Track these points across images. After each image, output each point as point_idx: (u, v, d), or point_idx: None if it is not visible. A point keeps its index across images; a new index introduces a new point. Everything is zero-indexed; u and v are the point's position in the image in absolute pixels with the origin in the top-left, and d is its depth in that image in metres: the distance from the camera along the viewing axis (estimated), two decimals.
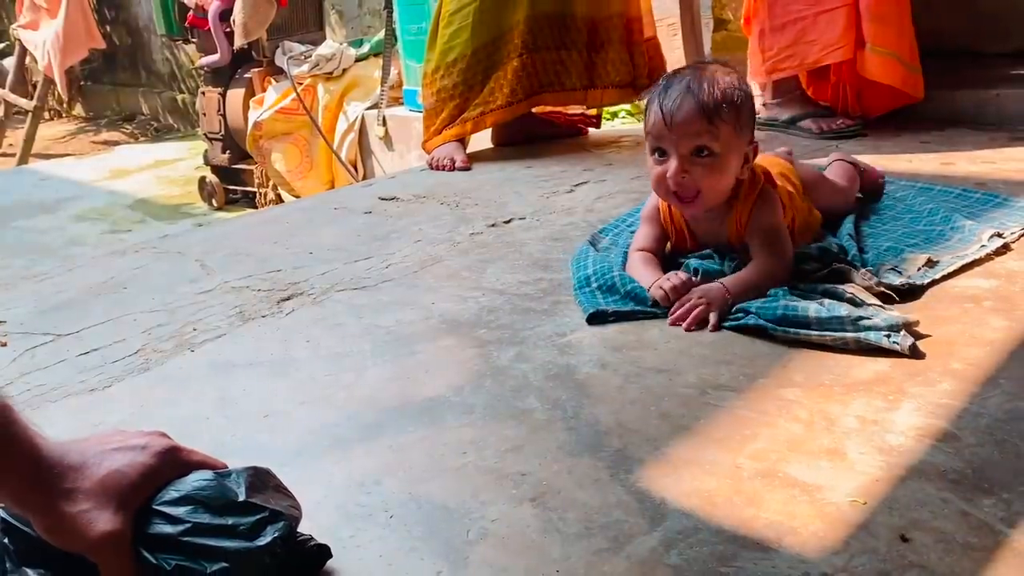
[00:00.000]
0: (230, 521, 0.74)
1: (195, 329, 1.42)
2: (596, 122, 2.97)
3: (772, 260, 1.38)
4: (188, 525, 0.73)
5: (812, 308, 1.22)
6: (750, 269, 1.38)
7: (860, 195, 1.79)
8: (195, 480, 0.76)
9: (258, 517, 0.75)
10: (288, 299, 1.54)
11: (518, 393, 1.14)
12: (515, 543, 0.83)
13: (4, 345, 1.40)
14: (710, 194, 1.37)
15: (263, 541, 0.74)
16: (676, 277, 1.38)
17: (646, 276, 1.42)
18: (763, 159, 1.54)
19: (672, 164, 1.35)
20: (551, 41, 2.59)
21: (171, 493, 0.75)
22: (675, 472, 0.94)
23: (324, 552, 0.82)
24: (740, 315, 1.29)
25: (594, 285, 1.44)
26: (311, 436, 1.06)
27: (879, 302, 1.27)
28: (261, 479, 0.79)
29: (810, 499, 0.88)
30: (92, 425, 1.13)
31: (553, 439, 1.02)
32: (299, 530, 0.80)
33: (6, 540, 0.74)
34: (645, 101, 1.48)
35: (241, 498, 0.75)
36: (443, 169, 2.53)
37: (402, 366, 1.25)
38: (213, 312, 1.49)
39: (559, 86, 2.63)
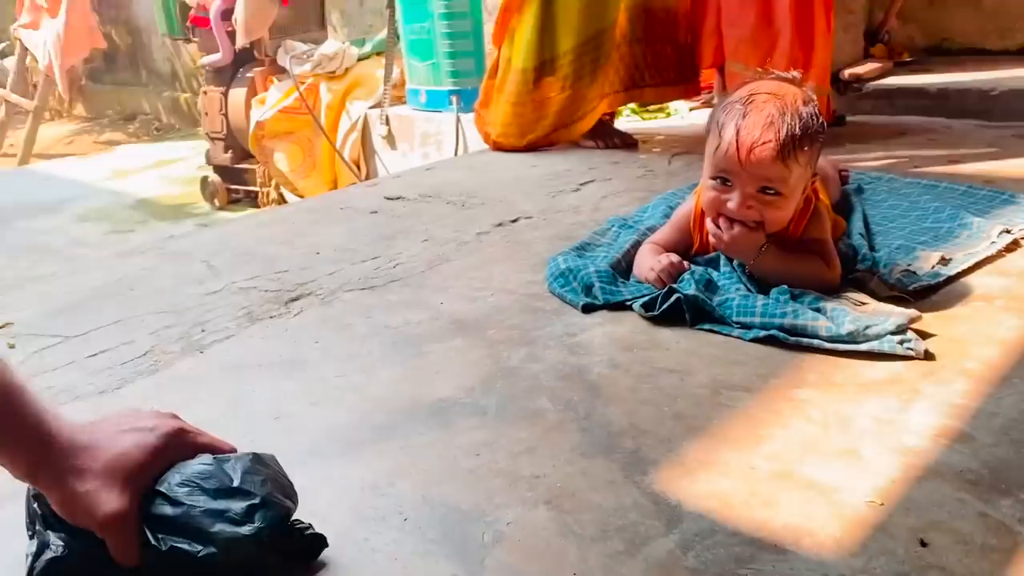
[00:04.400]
0: (222, 505, 0.75)
1: (203, 330, 1.42)
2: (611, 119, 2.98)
3: (819, 262, 1.37)
4: (185, 507, 0.75)
5: (822, 325, 1.21)
6: (796, 255, 1.37)
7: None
8: (197, 463, 0.78)
9: (249, 503, 0.76)
10: (296, 299, 1.53)
11: (530, 394, 1.13)
12: (531, 546, 0.83)
13: (12, 347, 1.39)
14: (771, 226, 1.35)
15: (250, 528, 0.74)
16: (667, 258, 1.39)
17: (645, 262, 1.43)
18: None
19: (735, 198, 1.33)
20: (650, 34, 2.56)
21: (175, 475, 0.77)
22: (690, 473, 0.93)
23: (320, 541, 0.83)
24: (746, 323, 1.27)
25: (569, 277, 1.45)
26: (323, 438, 1.06)
27: (890, 306, 1.26)
28: (260, 465, 0.80)
29: (826, 500, 0.87)
30: None
31: (566, 440, 1.01)
32: (299, 518, 0.81)
33: (36, 505, 0.77)
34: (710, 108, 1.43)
35: (235, 483, 0.77)
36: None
37: (412, 367, 1.24)
38: (221, 313, 1.49)
39: (660, 79, 2.61)
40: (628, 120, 3.31)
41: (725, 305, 1.30)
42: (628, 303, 1.38)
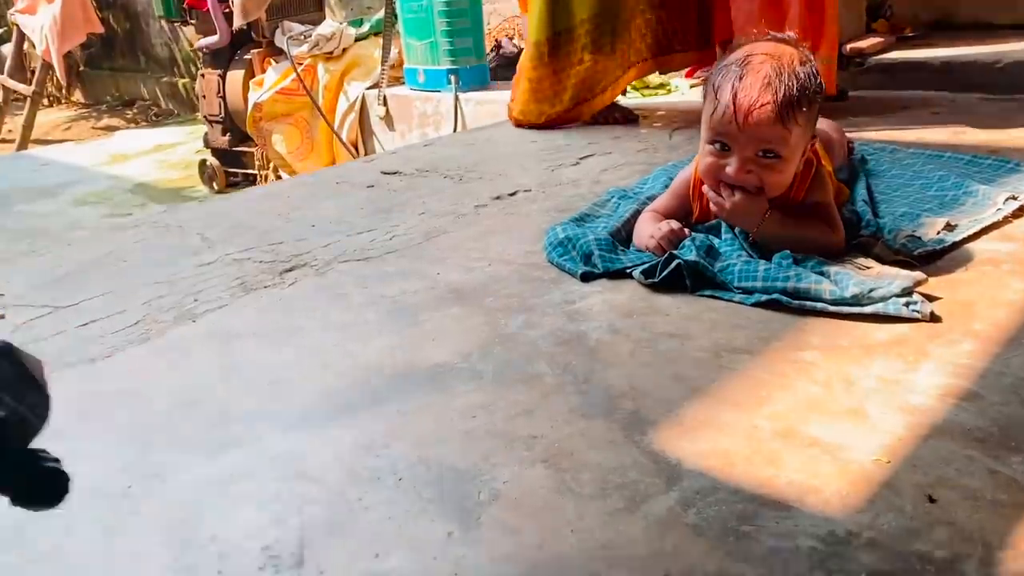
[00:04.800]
0: None
1: (196, 300, 1.39)
2: None
3: (822, 225, 1.34)
4: None
5: (826, 288, 1.19)
6: (799, 220, 1.34)
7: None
8: None
9: None
10: (291, 270, 1.51)
11: (528, 359, 1.11)
12: (528, 504, 0.81)
13: (2, 317, 1.37)
14: (772, 190, 1.32)
15: None
16: (667, 225, 1.37)
17: (645, 230, 1.41)
18: None
19: (734, 163, 1.30)
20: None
21: None
22: (691, 433, 0.91)
23: (63, 483, 0.67)
24: (748, 287, 1.25)
25: (568, 246, 1.43)
26: (318, 402, 1.04)
27: (895, 269, 1.24)
28: (12, 367, 0.63)
29: (832, 458, 0.85)
30: (92, 394, 1.10)
31: (564, 403, 0.99)
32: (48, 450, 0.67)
33: None
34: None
35: None
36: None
37: (408, 334, 1.22)
38: (214, 284, 1.46)
39: (684, 44, 2.57)
40: (628, 97, 3.27)
41: (726, 271, 1.28)
42: (628, 271, 1.36)
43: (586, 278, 1.36)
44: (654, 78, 3.17)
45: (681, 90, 3.25)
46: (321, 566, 0.75)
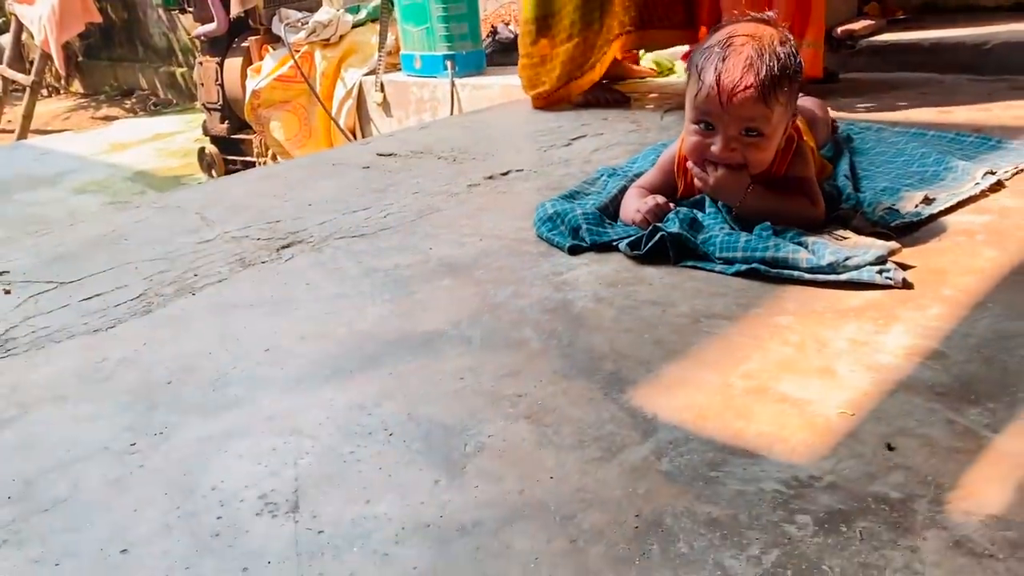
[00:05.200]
0: None
1: (196, 275, 1.44)
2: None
3: (802, 198, 1.39)
4: None
5: (803, 256, 1.23)
6: (781, 194, 1.39)
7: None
8: None
9: None
10: (288, 246, 1.55)
11: (515, 326, 1.16)
12: (511, 455, 0.85)
13: (8, 292, 1.41)
14: (755, 167, 1.37)
15: None
16: (652, 199, 1.41)
17: (631, 205, 1.45)
18: None
19: (718, 141, 1.34)
20: None
21: None
22: (667, 391, 0.95)
23: None
24: (728, 258, 1.29)
25: (557, 221, 1.48)
26: (312, 366, 1.08)
27: (871, 239, 1.28)
28: None
29: (799, 412, 0.90)
30: (96, 362, 1.15)
31: (548, 365, 1.04)
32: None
33: None
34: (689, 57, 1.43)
35: None
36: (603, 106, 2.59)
37: (401, 304, 1.26)
38: (213, 259, 1.51)
39: (667, 21, 2.59)
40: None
41: (708, 242, 1.32)
42: (614, 243, 1.40)
43: (574, 251, 1.41)
44: (665, 61, 3.21)
45: (678, 73, 3.28)
46: (315, 511, 0.79)
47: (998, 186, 1.54)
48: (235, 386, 1.05)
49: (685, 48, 3.08)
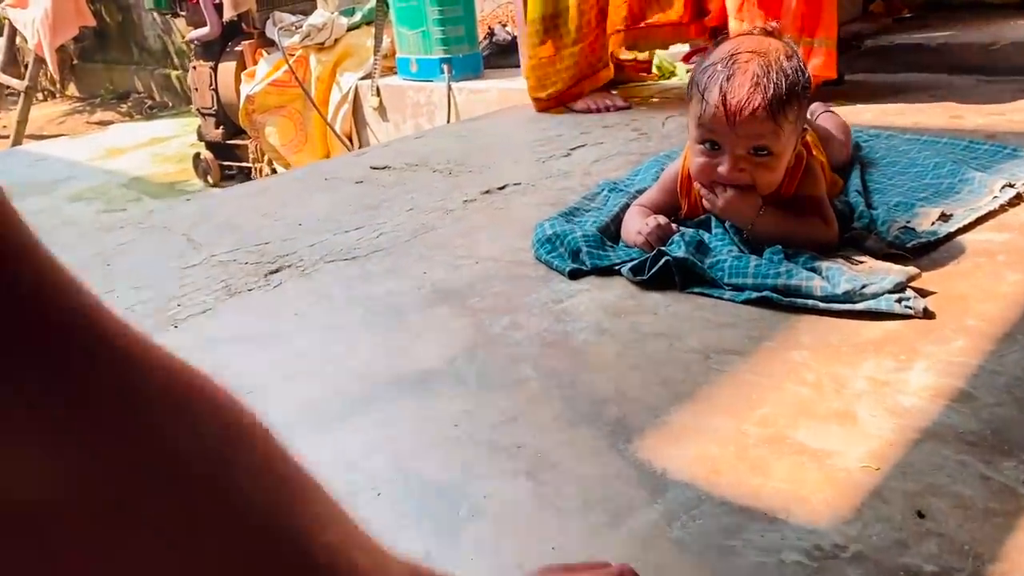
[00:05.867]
0: None
1: (179, 305, 1.37)
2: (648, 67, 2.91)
3: (816, 219, 1.32)
4: None
5: (816, 284, 1.16)
6: (793, 215, 1.32)
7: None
8: None
9: None
10: (276, 271, 1.49)
11: (513, 362, 1.09)
12: (509, 520, 0.79)
13: None
14: (764, 188, 1.30)
15: None
16: (655, 220, 1.34)
17: (632, 226, 1.39)
18: None
19: (726, 162, 1.28)
20: None
21: None
22: (677, 441, 0.89)
23: None
24: (738, 284, 1.22)
25: (556, 243, 1.41)
26: (297, 411, 1.02)
27: (888, 264, 1.22)
28: None
29: (819, 465, 0.83)
30: None
31: (549, 409, 0.97)
32: None
33: None
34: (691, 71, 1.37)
35: None
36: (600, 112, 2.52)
37: (393, 337, 1.20)
38: (198, 287, 1.44)
39: (666, 18, 2.53)
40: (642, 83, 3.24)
41: (716, 267, 1.25)
42: (616, 268, 1.34)
43: (574, 275, 1.34)
44: (667, 64, 3.14)
45: (680, 75, 3.21)
46: None
47: (1017, 200, 1.47)
48: None
49: (686, 48, 3.02)
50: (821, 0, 2.29)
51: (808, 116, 1.73)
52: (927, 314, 1.11)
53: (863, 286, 1.13)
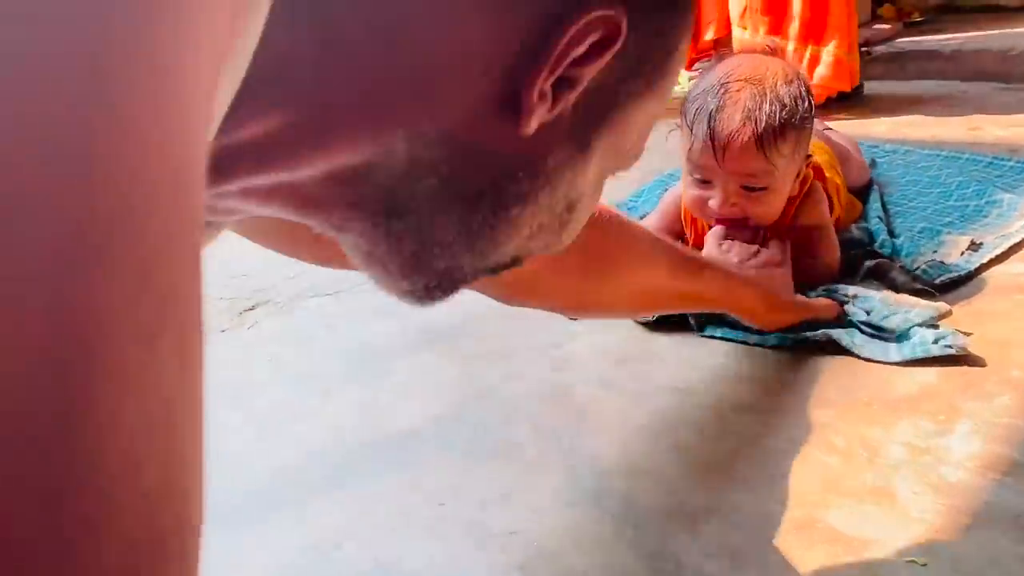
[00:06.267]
0: None
1: None
2: None
3: (812, 263, 1.22)
4: None
5: (857, 337, 1.05)
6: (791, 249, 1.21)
7: None
8: None
9: None
10: (252, 309, 1.38)
11: (506, 421, 0.98)
12: None
13: None
14: (760, 220, 1.20)
15: None
16: None
17: None
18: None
19: (717, 196, 1.18)
20: None
21: None
22: (692, 525, 0.78)
23: None
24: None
25: None
26: (263, 485, 0.91)
27: (913, 299, 1.11)
28: None
29: (856, 558, 0.72)
30: None
31: (547, 483, 0.86)
32: None
33: None
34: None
35: None
36: None
37: (374, 389, 1.09)
38: None
39: None
40: None
41: None
42: None
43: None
44: None
45: (682, 84, 3.10)
46: None
47: None
48: None
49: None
50: (828, 5, 2.18)
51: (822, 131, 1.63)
52: (973, 360, 0.99)
53: (900, 336, 1.03)
